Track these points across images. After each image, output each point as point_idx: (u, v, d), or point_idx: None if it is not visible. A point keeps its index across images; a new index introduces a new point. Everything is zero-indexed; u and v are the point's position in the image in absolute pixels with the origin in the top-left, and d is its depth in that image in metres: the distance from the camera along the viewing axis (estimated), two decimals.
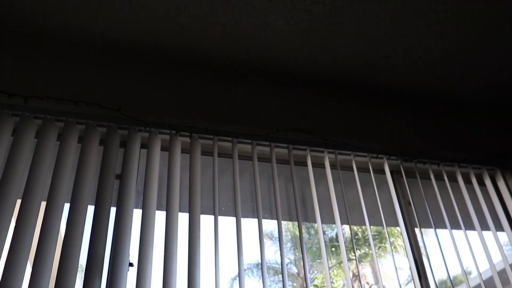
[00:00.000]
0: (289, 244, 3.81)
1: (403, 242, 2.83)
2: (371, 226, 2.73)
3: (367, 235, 4.52)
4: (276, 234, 2.62)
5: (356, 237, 2.86)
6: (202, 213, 2.44)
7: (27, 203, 2.13)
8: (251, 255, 2.65)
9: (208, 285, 2.30)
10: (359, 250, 3.08)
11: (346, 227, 2.87)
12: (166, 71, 2.93)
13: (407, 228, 2.85)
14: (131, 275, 2.17)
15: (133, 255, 2.24)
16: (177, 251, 2.26)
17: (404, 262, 2.66)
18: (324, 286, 3.83)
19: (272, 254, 3.44)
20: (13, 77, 2.54)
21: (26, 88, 2.48)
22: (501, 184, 3.23)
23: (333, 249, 3.25)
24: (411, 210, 2.89)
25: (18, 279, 1.95)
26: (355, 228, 2.61)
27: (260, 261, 2.40)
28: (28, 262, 2.03)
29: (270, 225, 2.85)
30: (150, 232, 2.27)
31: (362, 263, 2.61)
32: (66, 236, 2.11)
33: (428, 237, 2.86)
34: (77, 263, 2.07)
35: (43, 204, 2.18)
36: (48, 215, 2.13)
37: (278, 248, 2.52)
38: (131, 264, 2.22)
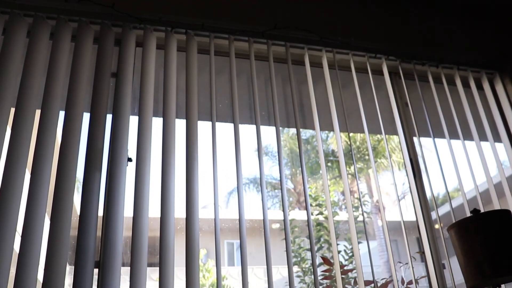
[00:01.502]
0: (284, 160, 3.84)
1: (401, 151, 2.83)
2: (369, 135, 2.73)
3: (363, 149, 4.58)
4: (271, 148, 2.64)
5: (351, 153, 2.90)
6: (200, 119, 2.43)
7: (21, 111, 2.09)
8: (248, 170, 2.68)
9: (206, 190, 2.35)
10: (354, 166, 3.13)
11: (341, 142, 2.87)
12: None
13: (406, 137, 2.85)
14: (130, 170, 2.20)
15: (131, 150, 2.26)
16: (175, 154, 2.27)
17: (399, 178, 2.68)
18: (318, 196, 3.93)
19: (268, 169, 3.47)
20: None
21: None
22: (499, 89, 3.20)
23: (329, 164, 3.28)
24: (409, 117, 2.88)
25: (18, 186, 1.97)
26: (348, 142, 2.61)
27: (256, 176, 2.43)
28: (27, 169, 2.04)
29: (267, 138, 2.84)
30: (148, 133, 2.26)
31: (358, 179, 2.66)
32: (63, 143, 2.10)
33: (426, 148, 2.86)
34: (75, 169, 2.09)
35: (38, 113, 2.14)
36: (43, 123, 2.10)
37: (274, 163, 2.54)
38: (130, 159, 2.25)
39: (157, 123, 2.34)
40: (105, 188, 2.13)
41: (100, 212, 2.06)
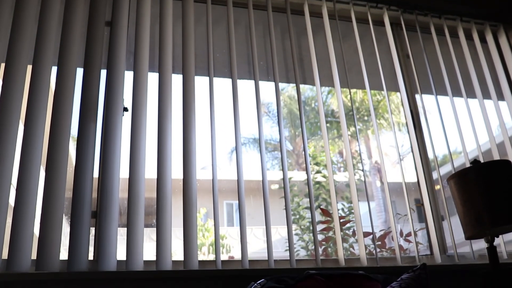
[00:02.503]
0: (284, 122, 3.81)
1: (403, 107, 2.78)
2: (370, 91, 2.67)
3: (362, 110, 4.51)
4: (271, 108, 2.57)
5: (350, 113, 2.82)
6: (197, 74, 2.36)
7: (12, 66, 2.03)
8: (248, 130, 2.62)
9: (205, 151, 2.29)
10: (353, 127, 3.04)
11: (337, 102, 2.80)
12: None
13: (408, 93, 2.79)
14: (126, 120, 2.17)
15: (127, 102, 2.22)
16: (172, 111, 2.23)
17: (399, 139, 2.62)
18: (316, 155, 3.90)
19: (268, 129, 3.42)
20: None
21: None
22: (503, 42, 3.13)
23: (327, 124, 3.26)
24: (411, 72, 2.81)
25: (11, 139, 1.93)
26: (348, 104, 2.54)
27: (256, 136, 2.37)
28: (20, 121, 1.99)
29: (266, 97, 2.75)
30: (143, 87, 2.21)
31: (356, 140, 2.62)
32: (57, 94, 2.05)
33: (428, 112, 2.81)
34: (70, 118, 2.04)
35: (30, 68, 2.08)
36: (35, 78, 2.04)
37: (274, 123, 2.48)
38: (125, 109, 2.21)
39: (153, 78, 2.28)
40: (101, 138, 2.10)
41: (97, 161, 2.05)
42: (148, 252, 2.06)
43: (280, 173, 2.36)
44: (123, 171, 2.07)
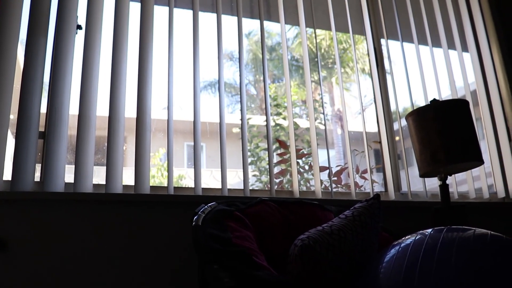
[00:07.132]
0: (248, 67, 3.67)
1: (368, 54, 2.73)
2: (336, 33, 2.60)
3: (327, 57, 4.39)
4: (236, 54, 2.48)
5: (315, 59, 2.76)
6: (156, 3, 2.23)
7: None
8: (211, 73, 2.53)
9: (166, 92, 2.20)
10: (317, 74, 2.98)
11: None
12: None
13: (373, 38, 2.74)
14: (80, 38, 2.05)
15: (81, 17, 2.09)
16: (128, 44, 2.11)
17: (362, 90, 2.60)
18: (277, 96, 3.85)
19: (231, 74, 3.33)
20: None
21: None
22: None
23: (293, 67, 3.18)
24: (378, 16, 2.75)
25: None
26: (313, 49, 2.47)
27: (217, 79, 2.29)
28: None
29: (230, 44, 2.63)
30: (99, 10, 2.08)
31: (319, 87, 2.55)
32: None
33: (394, 64, 2.78)
34: (17, 33, 1.90)
35: None
36: None
37: (237, 68, 2.38)
38: (79, 27, 2.08)
39: (108, 4, 2.13)
40: (52, 54, 1.98)
41: (46, 79, 1.94)
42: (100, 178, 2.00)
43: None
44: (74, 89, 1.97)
